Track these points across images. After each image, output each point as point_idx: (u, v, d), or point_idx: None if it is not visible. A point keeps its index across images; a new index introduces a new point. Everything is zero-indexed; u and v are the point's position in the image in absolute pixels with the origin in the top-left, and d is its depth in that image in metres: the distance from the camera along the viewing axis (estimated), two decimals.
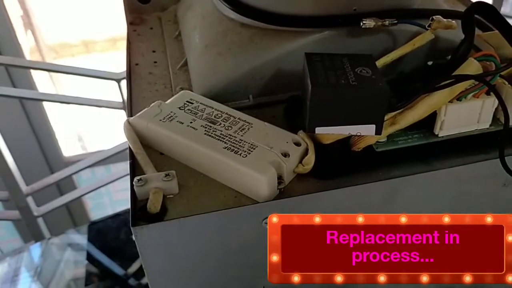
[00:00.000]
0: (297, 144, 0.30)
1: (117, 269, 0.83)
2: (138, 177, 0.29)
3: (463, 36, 0.33)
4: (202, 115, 0.32)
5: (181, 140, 0.30)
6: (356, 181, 0.30)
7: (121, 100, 0.86)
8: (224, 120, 0.32)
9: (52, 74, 1.21)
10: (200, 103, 0.33)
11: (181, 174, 0.30)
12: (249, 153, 0.29)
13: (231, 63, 0.36)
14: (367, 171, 0.30)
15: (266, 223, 0.28)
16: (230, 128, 0.31)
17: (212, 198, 0.29)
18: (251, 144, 0.29)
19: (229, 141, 0.30)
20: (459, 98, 0.30)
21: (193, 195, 0.29)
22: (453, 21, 0.32)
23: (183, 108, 0.33)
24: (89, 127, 1.34)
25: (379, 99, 0.27)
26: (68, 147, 1.25)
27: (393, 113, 0.29)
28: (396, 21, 0.34)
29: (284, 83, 0.36)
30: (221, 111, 0.32)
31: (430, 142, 0.31)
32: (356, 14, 0.34)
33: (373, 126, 0.28)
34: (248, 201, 0.29)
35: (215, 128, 0.31)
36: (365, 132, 0.28)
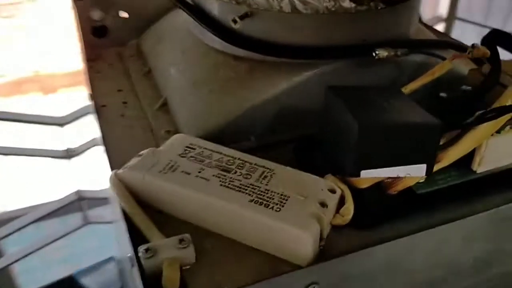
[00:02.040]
0: (332, 191, 0.25)
1: None
2: (144, 247, 0.23)
3: (467, 67, 0.31)
4: (211, 162, 0.27)
5: (192, 194, 0.25)
6: (400, 229, 0.26)
7: (62, 148, 0.75)
8: (239, 167, 0.26)
9: None
10: (204, 148, 0.28)
11: (192, 237, 0.24)
12: (282, 206, 0.24)
13: (229, 101, 0.31)
14: (408, 215, 0.27)
15: None
16: (249, 176, 0.26)
17: (241, 265, 0.23)
18: (281, 195, 0.25)
19: (253, 192, 0.25)
20: (497, 131, 0.27)
21: (215, 263, 0.24)
22: (487, 49, 0.30)
23: (185, 155, 0.27)
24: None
25: (432, 135, 0.24)
26: None
27: None
28: (408, 51, 0.32)
29: (290, 121, 0.32)
30: (232, 157, 0.27)
31: (470, 180, 0.28)
32: (367, 45, 0.31)
33: (424, 165, 0.24)
34: (286, 266, 0.23)
35: (231, 178, 0.26)
36: (415, 172, 0.24)
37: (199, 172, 0.26)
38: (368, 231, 0.26)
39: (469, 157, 0.28)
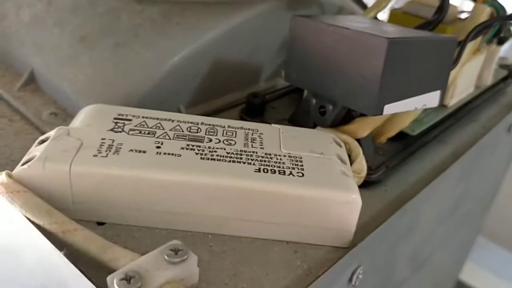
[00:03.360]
0: (338, 145, 0.19)
1: None
2: (120, 273, 0.13)
3: None
4: (166, 133, 0.18)
5: (169, 178, 0.16)
6: (404, 179, 0.21)
7: None
8: (210, 133, 0.18)
9: None
10: (143, 117, 0.19)
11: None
12: (302, 169, 0.17)
13: (148, 55, 0.22)
14: (404, 163, 0.22)
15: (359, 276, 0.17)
16: (232, 142, 0.18)
17: (259, 267, 0.16)
18: (290, 157, 0.17)
19: (252, 159, 0.17)
20: None
21: (227, 275, 0.15)
22: None
23: (120, 130, 0.18)
24: None
25: (450, 51, 0.20)
26: None
27: None
28: None
29: (228, 82, 0.25)
30: (192, 122, 0.19)
31: (446, 116, 0.25)
32: None
33: (438, 92, 0.20)
34: (325, 253, 0.16)
35: (210, 148, 0.17)
36: (430, 103, 0.20)
37: (158, 147, 0.17)
38: (378, 188, 0.21)
39: None
